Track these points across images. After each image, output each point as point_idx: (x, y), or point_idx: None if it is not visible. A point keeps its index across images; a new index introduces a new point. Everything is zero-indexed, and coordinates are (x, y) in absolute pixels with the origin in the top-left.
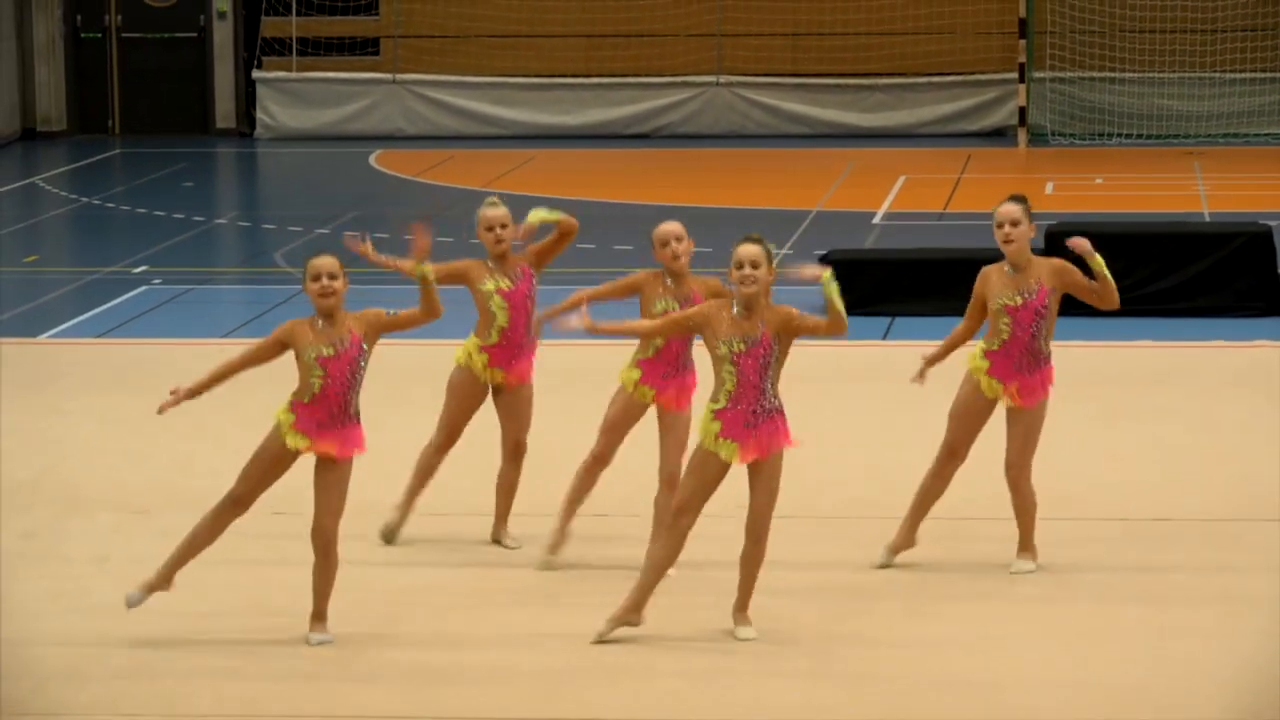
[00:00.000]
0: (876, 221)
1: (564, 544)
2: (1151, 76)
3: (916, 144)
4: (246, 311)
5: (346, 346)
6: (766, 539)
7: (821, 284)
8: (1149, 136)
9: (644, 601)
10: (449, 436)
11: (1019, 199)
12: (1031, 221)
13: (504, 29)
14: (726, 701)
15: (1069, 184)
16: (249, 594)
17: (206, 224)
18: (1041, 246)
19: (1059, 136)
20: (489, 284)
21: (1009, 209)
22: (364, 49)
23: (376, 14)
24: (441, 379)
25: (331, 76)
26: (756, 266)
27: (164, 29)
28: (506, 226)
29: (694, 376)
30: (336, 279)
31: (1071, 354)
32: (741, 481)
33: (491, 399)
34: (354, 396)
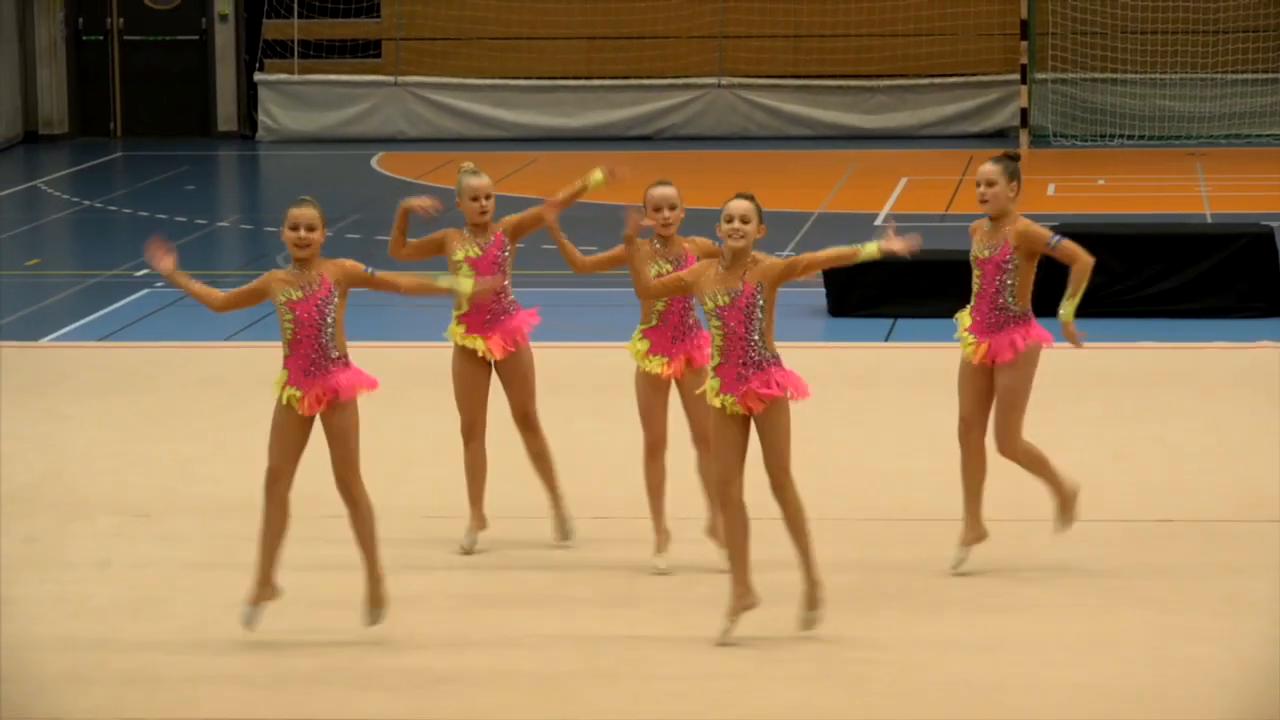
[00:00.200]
0: (879, 223)
1: (668, 543)
2: (1153, 78)
3: (918, 145)
4: (248, 314)
5: (315, 289)
6: (790, 493)
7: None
8: (1151, 137)
9: (747, 581)
10: (465, 423)
11: (999, 159)
12: (1012, 180)
13: (505, 31)
14: (727, 704)
15: (1071, 185)
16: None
17: (209, 227)
18: None
19: (1061, 138)
20: (459, 253)
21: (987, 169)
22: (366, 51)
23: (378, 16)
24: (441, 380)
25: (333, 79)
26: (746, 221)
27: (165, 31)
28: (490, 196)
29: (705, 335)
30: (315, 230)
31: (1073, 354)
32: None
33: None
34: (329, 340)
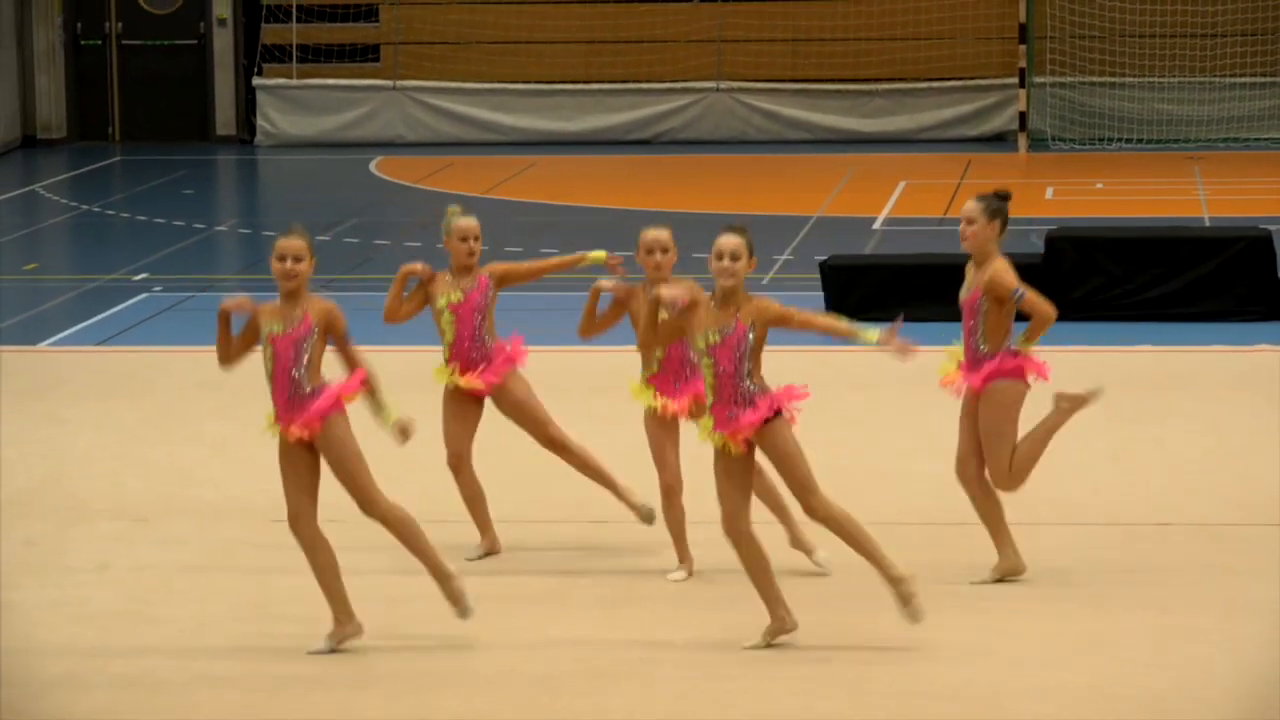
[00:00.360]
0: (877, 227)
1: (692, 566)
2: (1151, 81)
3: (917, 149)
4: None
5: (296, 325)
6: (823, 511)
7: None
8: (1149, 141)
9: (782, 606)
10: (450, 456)
11: (983, 196)
12: (993, 219)
13: (504, 35)
14: (728, 706)
15: (1069, 189)
16: (248, 600)
17: (207, 231)
18: (1041, 251)
19: (1059, 141)
20: (441, 300)
21: (967, 207)
22: (364, 56)
23: (377, 21)
24: (437, 384)
25: (332, 83)
26: (736, 259)
27: (164, 36)
28: (479, 239)
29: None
30: (302, 261)
31: (1072, 359)
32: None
33: None
34: (301, 376)
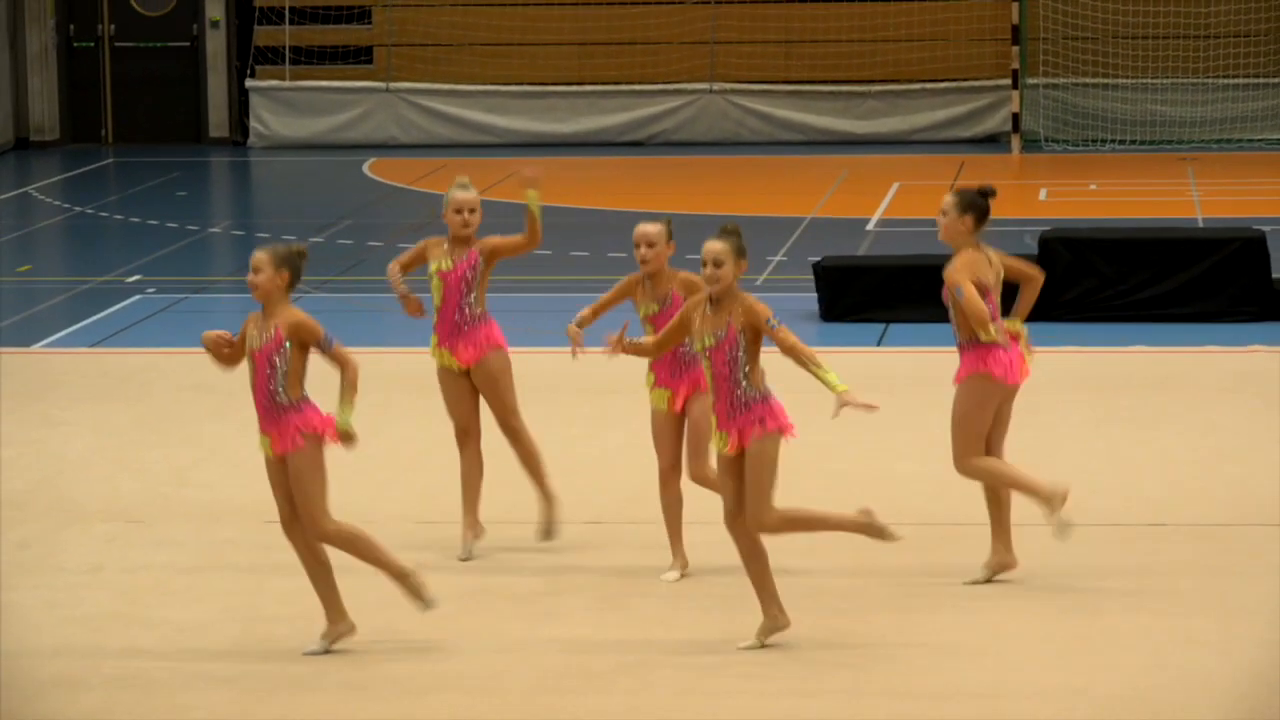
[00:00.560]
0: (870, 228)
1: (685, 566)
2: (1144, 82)
3: (910, 150)
4: (240, 321)
5: (269, 340)
6: (763, 515)
7: None
8: (1142, 142)
9: (776, 604)
10: (457, 430)
11: (958, 192)
12: (964, 213)
13: (497, 37)
14: (722, 708)
15: (1063, 190)
16: (242, 602)
17: (200, 233)
18: (1035, 252)
19: (1052, 142)
20: (433, 265)
21: (944, 199)
22: (357, 58)
23: (369, 23)
24: (431, 387)
25: (325, 85)
26: (720, 265)
27: (157, 38)
28: (475, 211)
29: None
30: (260, 273)
31: (1066, 360)
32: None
33: None
34: (277, 387)
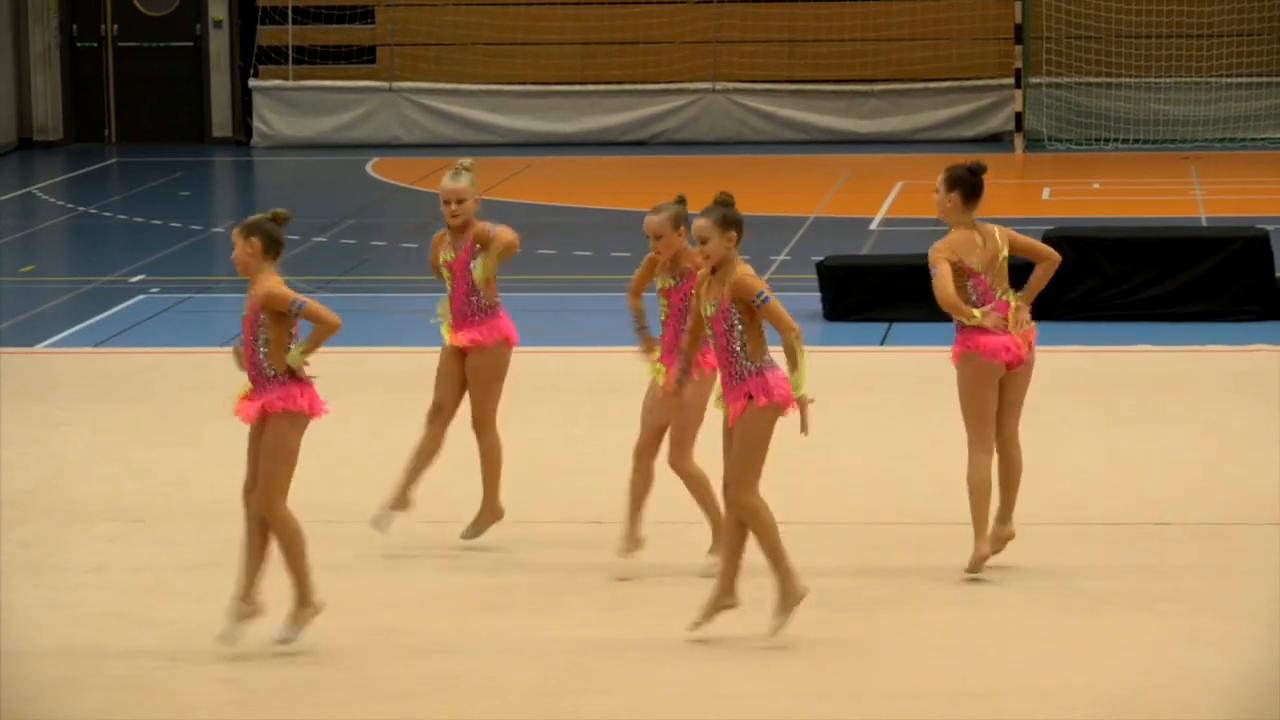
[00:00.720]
0: (873, 227)
1: (638, 547)
2: (1148, 81)
3: (913, 150)
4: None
5: (249, 310)
6: (734, 507)
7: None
8: (1146, 141)
9: (789, 575)
10: (433, 405)
11: (949, 168)
12: (950, 189)
13: (500, 37)
14: (723, 710)
15: (1066, 189)
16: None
17: (203, 233)
18: None
19: (1056, 142)
20: (442, 256)
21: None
22: (360, 57)
23: (373, 22)
24: (432, 386)
25: (328, 85)
26: (705, 240)
27: (160, 38)
28: (464, 201)
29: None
30: (234, 248)
31: (1069, 359)
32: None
33: None
34: (262, 359)
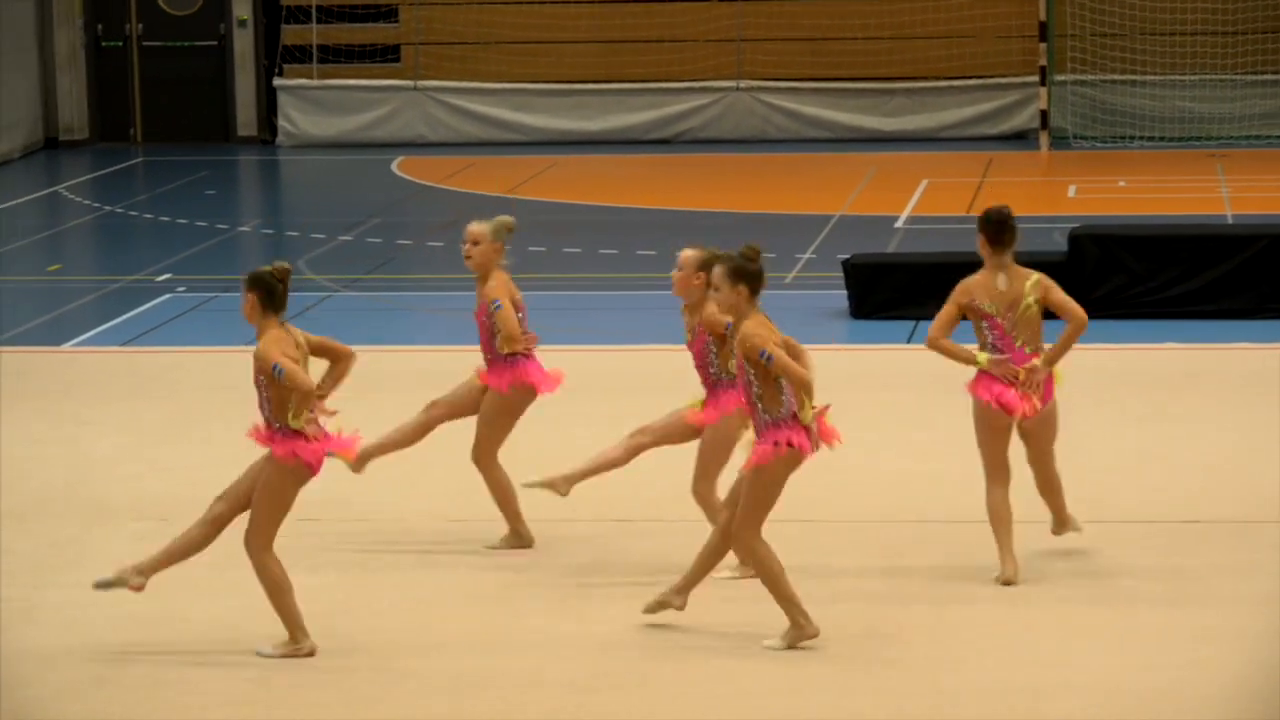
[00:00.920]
0: (899, 225)
1: (569, 486)
2: (1173, 79)
3: (938, 148)
4: None
5: (253, 365)
6: (729, 540)
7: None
8: (1171, 139)
9: (692, 585)
10: (432, 401)
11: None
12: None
13: (524, 35)
14: (756, 709)
15: (1092, 187)
16: (266, 603)
17: (229, 232)
18: (1064, 249)
19: (1081, 139)
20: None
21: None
22: (384, 56)
23: (397, 21)
24: (452, 383)
25: (352, 84)
26: (716, 289)
27: (185, 37)
28: (478, 244)
29: (733, 391)
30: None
31: (1095, 357)
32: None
33: None
34: (270, 415)
